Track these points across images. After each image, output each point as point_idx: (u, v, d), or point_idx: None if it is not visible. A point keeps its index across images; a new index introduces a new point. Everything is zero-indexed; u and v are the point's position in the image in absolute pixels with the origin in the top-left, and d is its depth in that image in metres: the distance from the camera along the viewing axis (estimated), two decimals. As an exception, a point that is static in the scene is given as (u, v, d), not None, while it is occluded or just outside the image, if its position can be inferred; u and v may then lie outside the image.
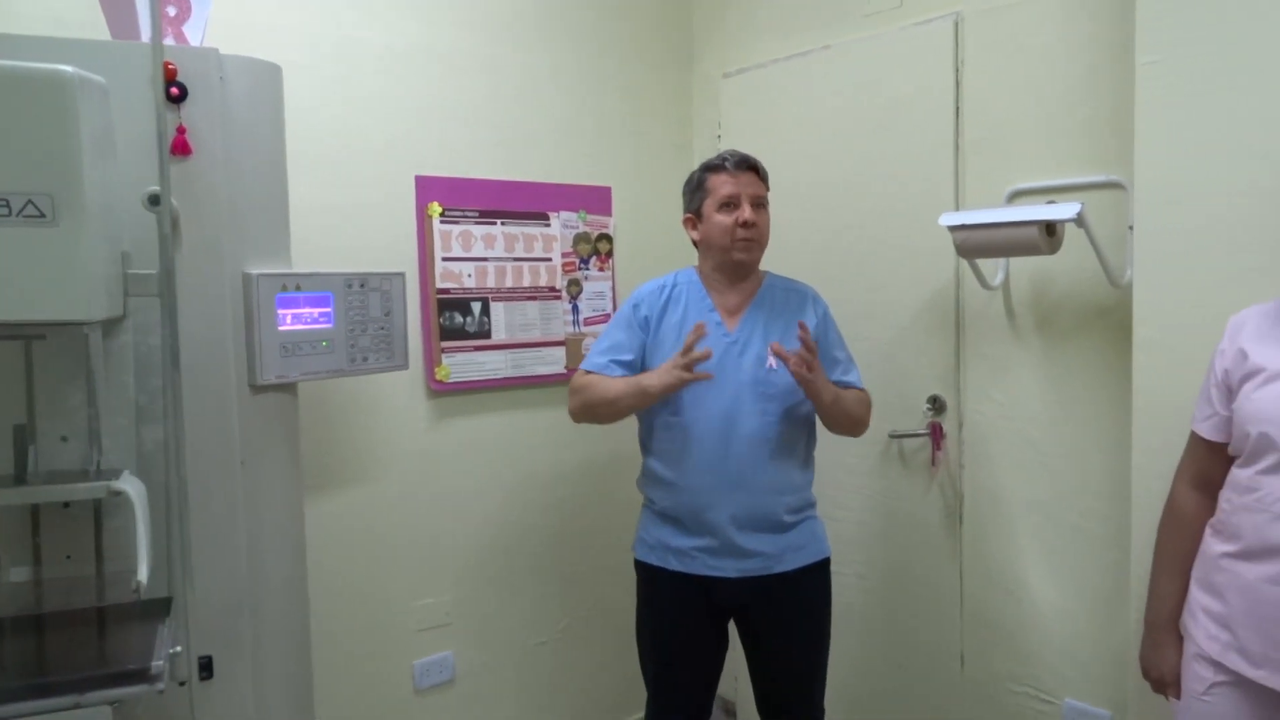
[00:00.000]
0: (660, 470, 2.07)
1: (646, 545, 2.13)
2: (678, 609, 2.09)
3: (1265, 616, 1.47)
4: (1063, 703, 2.29)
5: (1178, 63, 1.79)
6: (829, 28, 2.69)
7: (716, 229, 2.05)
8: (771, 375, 2.04)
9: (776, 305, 2.13)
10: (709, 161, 2.11)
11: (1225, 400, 1.59)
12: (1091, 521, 2.19)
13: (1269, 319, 1.56)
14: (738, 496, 2.00)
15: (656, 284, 2.15)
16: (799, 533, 2.08)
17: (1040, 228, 2.00)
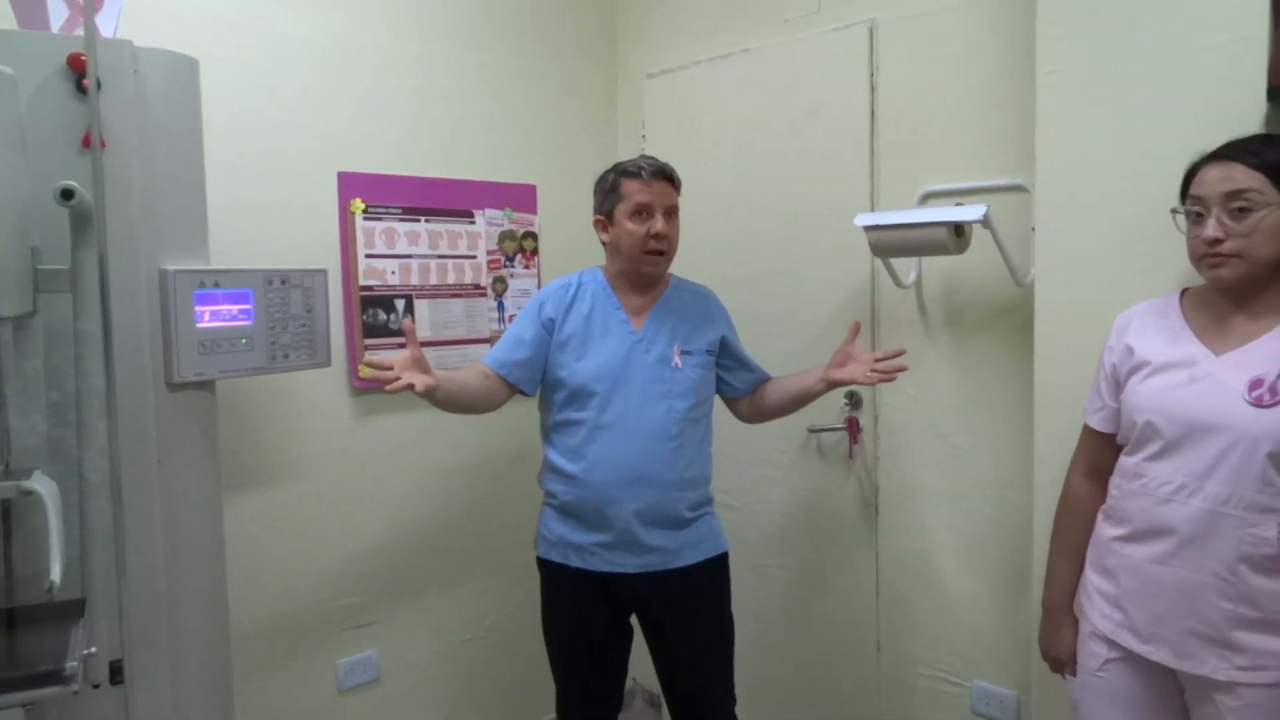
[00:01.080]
0: (563, 465, 2.07)
1: (548, 542, 2.13)
2: (581, 605, 2.10)
3: (1153, 595, 1.56)
4: (971, 684, 2.39)
5: (1075, 74, 1.89)
6: (749, 31, 2.75)
7: (628, 237, 2.05)
8: (676, 373, 2.07)
9: (682, 306, 2.16)
10: (624, 165, 2.09)
11: (1114, 393, 1.68)
12: (998, 509, 2.29)
13: (1152, 315, 1.66)
14: (640, 492, 2.02)
15: (562, 283, 2.15)
16: (696, 529, 2.10)
17: (949, 229, 2.08)
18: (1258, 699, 1.48)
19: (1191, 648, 1.52)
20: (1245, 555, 1.46)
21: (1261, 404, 1.45)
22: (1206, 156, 1.55)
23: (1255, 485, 1.45)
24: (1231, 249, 1.48)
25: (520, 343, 2.09)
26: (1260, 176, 1.47)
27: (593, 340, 2.07)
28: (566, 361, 2.06)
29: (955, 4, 2.30)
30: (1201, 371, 1.53)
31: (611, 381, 2.03)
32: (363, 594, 2.55)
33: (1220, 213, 1.49)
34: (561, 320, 2.09)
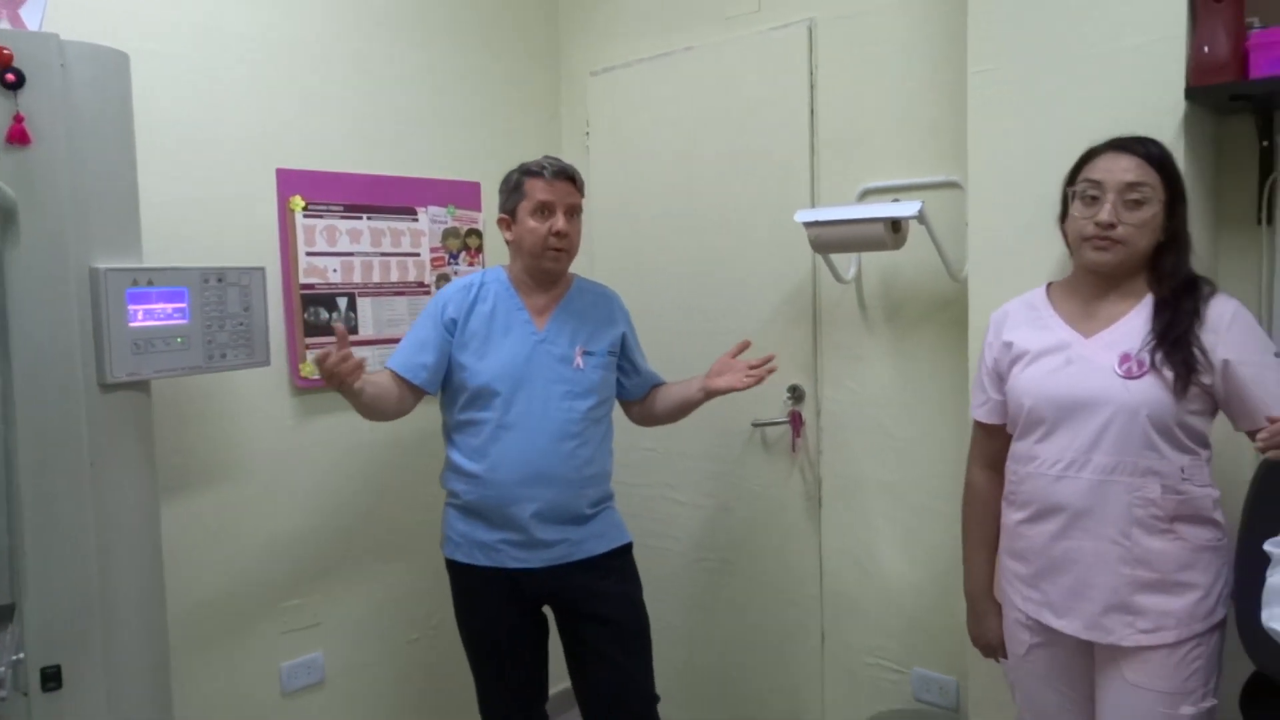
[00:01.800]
0: (465, 464, 2.07)
1: (453, 543, 2.12)
2: (492, 604, 2.10)
3: (1060, 569, 1.63)
4: (912, 671, 2.44)
5: (1004, 73, 1.93)
6: (691, 29, 2.77)
7: (529, 234, 2.06)
8: (578, 374, 2.09)
9: (585, 307, 2.17)
10: (528, 165, 2.09)
11: (997, 386, 1.77)
12: (937, 500, 2.34)
13: (1024, 309, 1.75)
14: (542, 491, 2.03)
15: (464, 283, 2.14)
16: (598, 522, 2.12)
17: (885, 224, 2.12)
18: (1159, 660, 1.56)
19: (1100, 618, 1.59)
20: (1136, 518, 1.55)
21: (1131, 375, 1.55)
22: (1106, 144, 1.62)
23: (1137, 451, 1.55)
24: (1120, 235, 1.57)
25: (424, 345, 2.08)
26: (1155, 174, 1.57)
27: (495, 340, 2.07)
28: (469, 362, 2.06)
29: (890, 4, 2.34)
30: (1075, 354, 1.63)
31: (514, 381, 2.04)
32: (306, 595, 2.52)
33: (1116, 200, 1.57)
34: (464, 320, 2.08)
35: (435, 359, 2.07)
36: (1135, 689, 1.58)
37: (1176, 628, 1.55)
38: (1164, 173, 1.58)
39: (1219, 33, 1.69)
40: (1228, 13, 1.69)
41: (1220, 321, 1.55)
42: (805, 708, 2.65)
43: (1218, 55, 1.69)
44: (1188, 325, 1.55)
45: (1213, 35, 1.69)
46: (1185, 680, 1.56)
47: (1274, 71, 1.63)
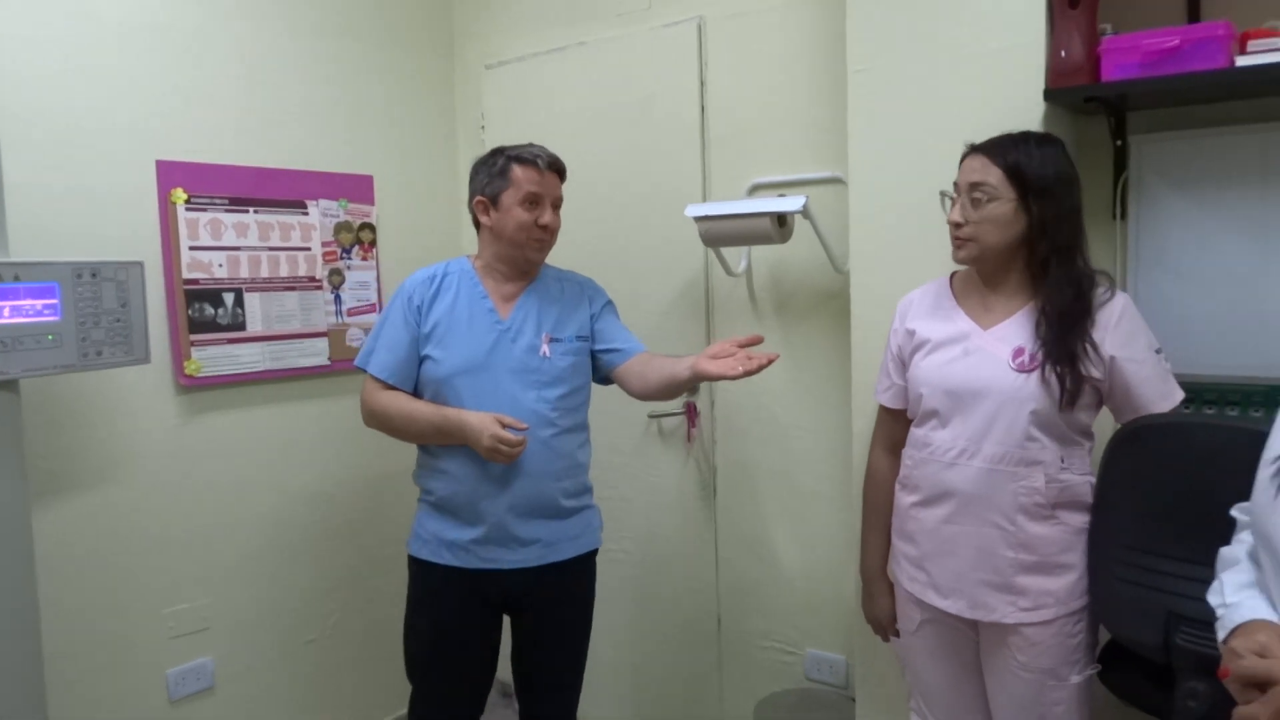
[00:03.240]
0: (437, 460, 2.02)
1: (420, 540, 2.07)
2: (453, 605, 2.04)
3: (947, 552, 1.71)
4: (805, 652, 2.51)
5: (881, 73, 2.01)
6: (584, 25, 2.79)
7: (514, 223, 2.01)
8: (545, 362, 2.04)
9: (550, 294, 2.13)
10: (518, 152, 2.04)
11: (900, 372, 1.83)
12: (824, 485, 2.42)
13: (928, 298, 1.82)
14: (516, 483, 1.98)
15: (426, 273, 2.09)
16: (575, 522, 2.09)
17: (771, 219, 2.18)
18: (1039, 637, 1.65)
19: (984, 597, 1.67)
20: (1021, 506, 1.63)
21: (1023, 369, 1.63)
22: (974, 147, 1.69)
23: (1023, 442, 1.62)
24: (967, 234, 1.65)
25: (399, 344, 2.02)
26: (999, 173, 1.63)
27: (457, 330, 2.02)
28: (433, 353, 2.01)
29: (775, 4, 2.40)
30: (973, 345, 1.70)
31: (478, 373, 1.99)
32: (194, 599, 2.45)
33: (964, 199, 1.65)
34: (428, 309, 2.04)
35: (410, 356, 2.03)
36: (1022, 666, 1.66)
37: (1055, 605, 1.64)
38: (1010, 171, 1.61)
39: (1074, 38, 1.79)
40: (1082, 19, 1.79)
41: (1109, 317, 1.62)
42: (703, 694, 2.70)
43: (1073, 59, 1.79)
44: (1078, 319, 1.61)
45: (1069, 40, 1.79)
46: (1069, 653, 1.65)
47: (1124, 75, 1.74)
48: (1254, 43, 1.63)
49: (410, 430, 2.02)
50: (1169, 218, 1.92)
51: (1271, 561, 1.07)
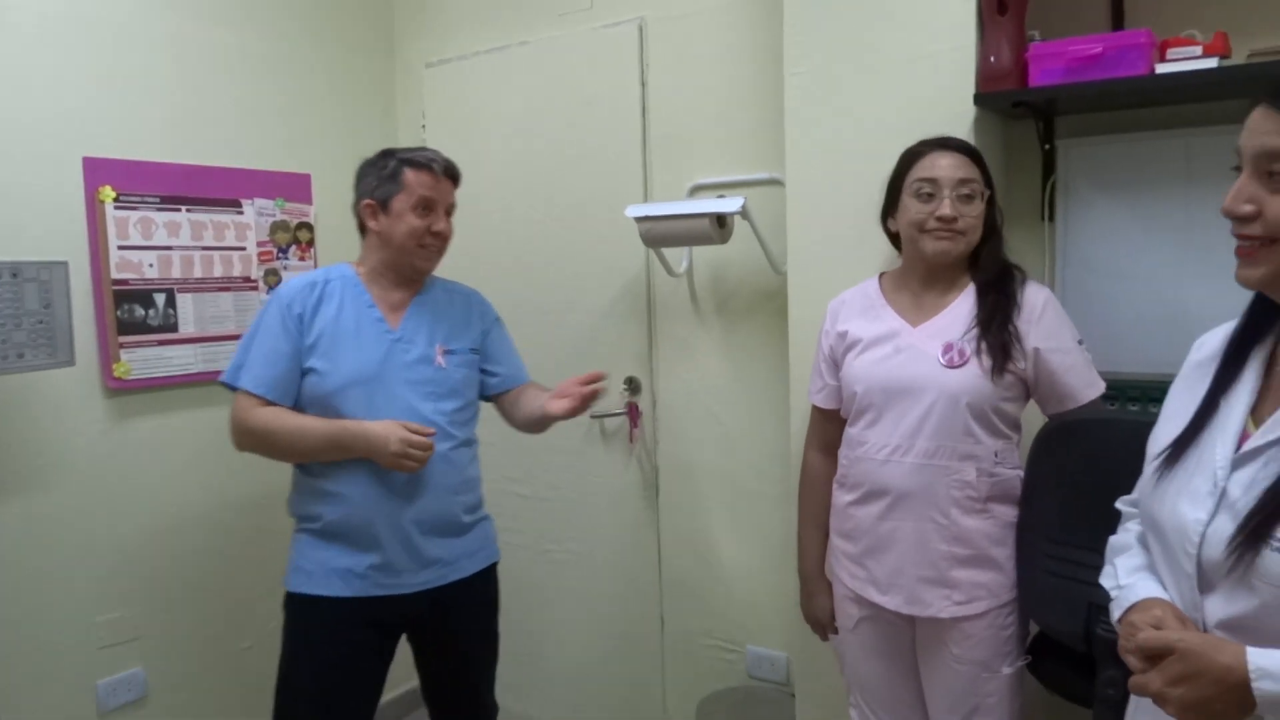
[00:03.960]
0: (324, 484, 1.88)
1: (304, 573, 1.91)
2: (343, 639, 1.89)
3: (885, 549, 1.73)
4: (747, 650, 2.53)
5: (816, 76, 2.04)
6: (526, 24, 2.78)
7: (406, 229, 1.92)
8: (440, 373, 1.97)
9: (440, 304, 2.05)
10: (411, 156, 1.95)
11: (833, 372, 1.85)
12: (765, 484, 2.44)
13: (858, 298, 1.85)
14: (416, 501, 1.90)
15: (305, 281, 1.94)
16: (474, 537, 2.03)
17: (711, 219, 2.19)
18: (973, 629, 1.68)
19: (921, 593, 1.70)
20: (955, 500, 1.66)
21: (953, 365, 1.66)
22: (930, 144, 1.71)
23: (957, 436, 1.65)
24: (961, 227, 1.67)
25: (279, 356, 1.87)
26: (977, 170, 1.68)
27: (344, 341, 1.90)
28: (318, 365, 1.88)
29: (713, 6, 2.42)
30: (904, 343, 1.73)
31: (371, 384, 1.88)
32: (124, 608, 2.39)
33: (952, 195, 1.66)
34: (310, 318, 1.90)
35: (292, 369, 1.88)
36: (957, 659, 1.69)
37: (989, 598, 1.68)
38: (982, 168, 1.69)
39: (1003, 44, 1.83)
40: (1010, 26, 1.83)
41: (1033, 310, 1.67)
42: (646, 693, 2.71)
43: (1002, 64, 1.83)
44: (1006, 313, 1.66)
45: (998, 46, 1.83)
46: (1001, 645, 1.69)
47: (1050, 80, 1.78)
48: (1173, 50, 1.68)
49: (299, 447, 1.86)
50: (1095, 220, 1.97)
51: (1160, 545, 1.11)
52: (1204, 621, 1.02)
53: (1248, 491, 0.99)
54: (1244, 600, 0.97)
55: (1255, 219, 0.99)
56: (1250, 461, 1.01)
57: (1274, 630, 0.95)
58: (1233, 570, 0.97)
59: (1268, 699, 0.91)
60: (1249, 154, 1.00)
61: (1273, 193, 0.97)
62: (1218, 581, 1.00)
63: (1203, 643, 0.97)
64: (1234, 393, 1.09)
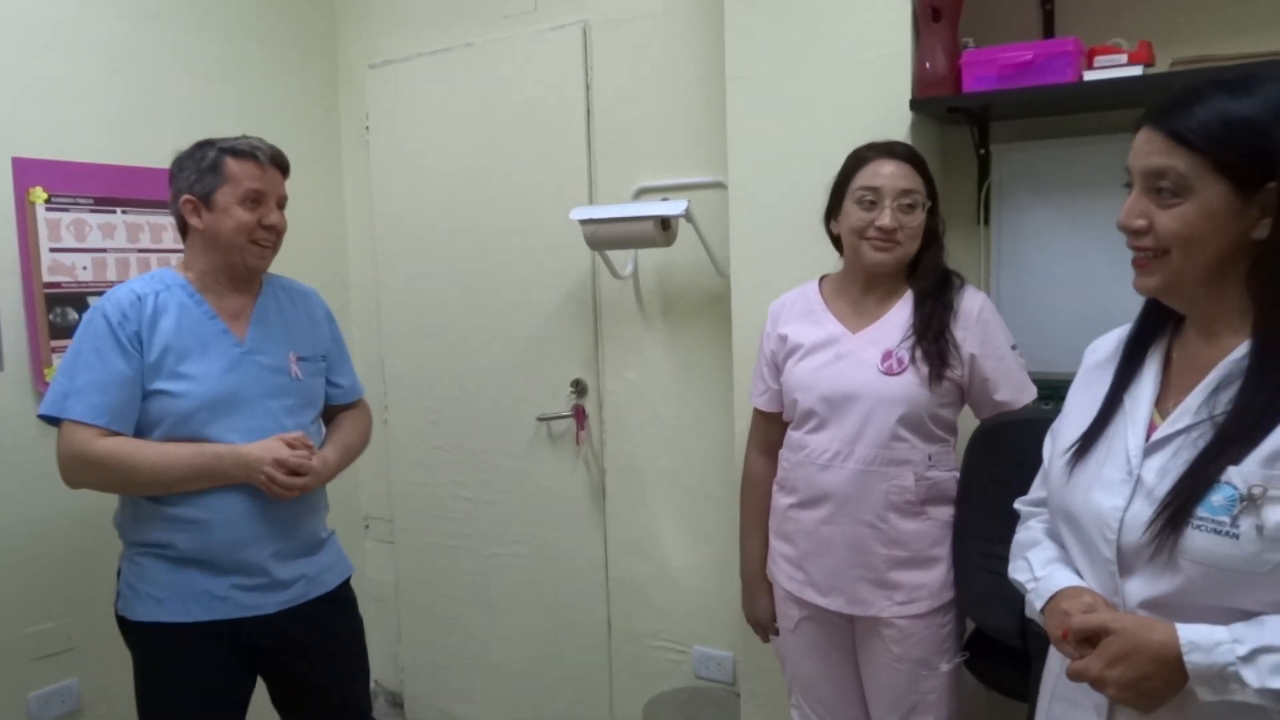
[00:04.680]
0: (180, 509, 1.72)
1: (154, 600, 1.73)
2: (203, 664, 1.76)
3: (824, 552, 1.75)
4: (693, 650, 2.54)
5: (758, 81, 2.05)
6: (470, 26, 2.76)
7: (233, 224, 1.75)
8: (297, 384, 1.86)
9: (284, 307, 1.91)
10: (233, 145, 1.77)
11: (774, 376, 1.87)
12: (710, 485, 2.46)
13: (799, 302, 1.86)
14: (282, 524, 1.80)
15: (131, 292, 1.74)
16: (329, 551, 1.93)
17: (655, 222, 2.20)
18: (912, 629, 1.71)
19: (861, 594, 1.72)
20: (892, 504, 1.69)
21: (891, 373, 1.68)
22: (876, 150, 1.71)
23: (894, 442, 1.68)
24: (900, 238, 1.68)
25: (121, 380, 1.68)
26: (920, 179, 1.70)
27: (190, 358, 1.74)
28: (165, 386, 1.71)
29: (656, 11, 2.43)
30: (843, 349, 1.74)
31: (225, 403, 1.74)
32: (58, 618, 2.33)
33: (894, 205, 1.67)
34: (149, 338, 1.72)
35: (133, 393, 1.70)
36: (896, 658, 1.72)
37: (929, 599, 1.70)
38: (925, 177, 1.70)
39: (937, 50, 1.86)
40: (945, 33, 1.86)
41: (969, 317, 1.69)
42: (593, 694, 2.71)
43: (937, 71, 1.86)
44: (943, 321, 1.68)
45: (933, 52, 1.87)
46: (940, 643, 1.72)
47: (983, 87, 1.82)
48: (1100, 58, 1.73)
49: (163, 479, 1.69)
50: (1029, 223, 2.01)
51: (1075, 535, 1.15)
52: (1125, 604, 1.06)
53: (1162, 477, 1.04)
54: (1166, 580, 1.01)
55: (1147, 232, 1.05)
56: (1160, 449, 1.07)
57: (1194, 607, 1.00)
58: (1155, 552, 1.01)
59: (1199, 671, 0.96)
60: (1138, 172, 1.07)
61: (1161, 207, 1.04)
62: (1138, 565, 1.05)
63: (1136, 623, 1.02)
64: (1137, 388, 1.14)
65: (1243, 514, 0.96)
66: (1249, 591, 0.96)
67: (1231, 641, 0.95)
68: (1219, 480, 0.98)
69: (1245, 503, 0.96)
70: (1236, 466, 0.97)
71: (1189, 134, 1.01)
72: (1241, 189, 1.00)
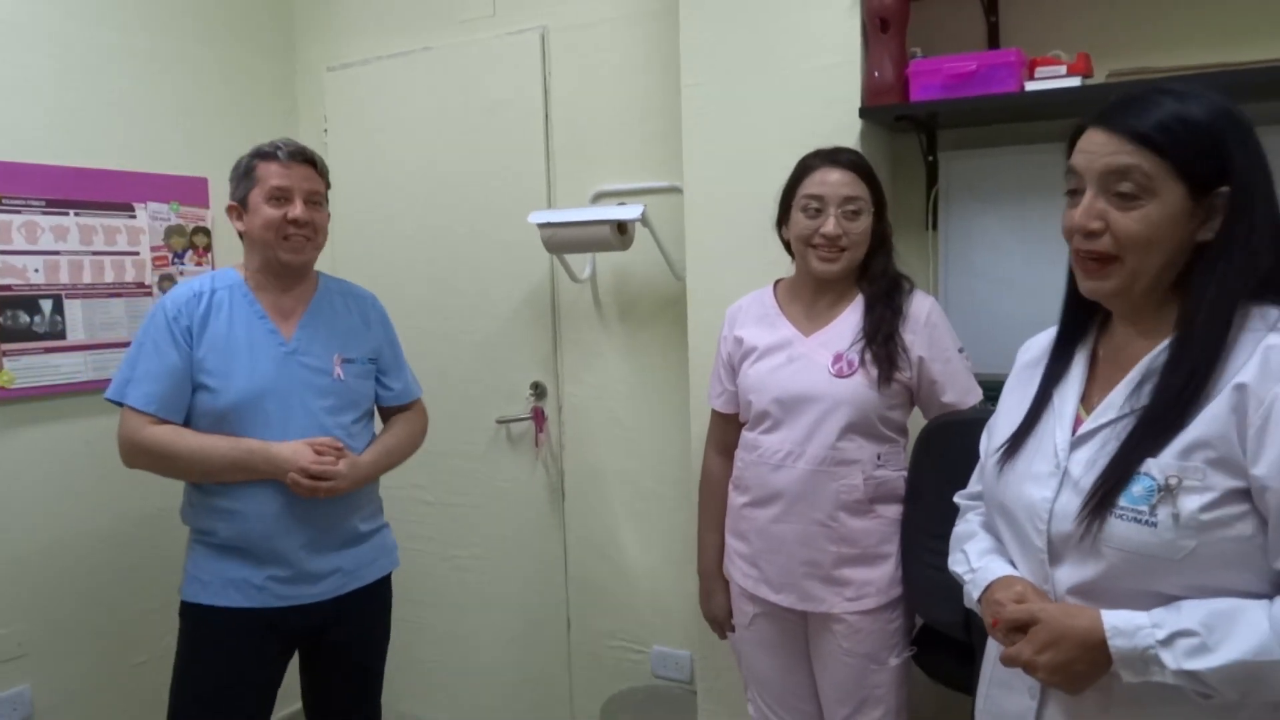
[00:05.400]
0: (219, 501, 1.83)
1: (200, 583, 1.86)
2: (243, 651, 1.86)
3: (776, 550, 1.78)
4: (651, 650, 2.57)
5: (712, 87, 2.09)
6: (429, 30, 2.77)
7: (262, 222, 1.84)
8: (339, 385, 1.92)
9: (336, 310, 1.99)
10: (260, 148, 1.90)
11: (731, 378, 1.90)
12: (667, 485, 2.49)
13: (754, 306, 1.90)
14: (315, 519, 1.87)
15: (191, 289, 1.87)
16: (373, 545, 2.01)
17: (612, 226, 2.23)
18: (862, 624, 1.75)
19: (812, 590, 1.76)
20: (842, 503, 1.73)
21: (842, 375, 1.72)
22: (821, 158, 1.75)
23: (844, 442, 1.72)
24: (845, 245, 1.72)
25: (172, 371, 1.80)
26: (864, 186, 1.73)
27: (238, 355, 1.84)
28: (211, 382, 1.82)
29: (613, 17, 2.46)
30: (796, 352, 1.78)
31: (267, 400, 1.83)
32: (9, 624, 2.30)
33: (838, 214, 1.71)
34: (199, 334, 1.83)
35: (182, 384, 1.81)
36: (847, 653, 1.76)
37: (877, 595, 1.74)
38: (871, 184, 1.74)
39: (886, 60, 1.91)
40: (893, 43, 1.91)
41: (918, 320, 1.74)
42: (553, 695, 2.73)
43: (885, 80, 1.91)
44: (892, 325, 1.72)
45: (881, 62, 1.91)
46: (888, 638, 1.76)
47: (929, 96, 1.87)
48: (1041, 69, 1.78)
49: (201, 469, 1.81)
50: (974, 229, 2.07)
51: (1009, 527, 1.20)
52: (1054, 591, 1.11)
53: (1088, 470, 1.08)
54: (1092, 566, 1.06)
55: (1102, 234, 1.06)
56: (1086, 443, 1.11)
57: (1118, 592, 1.04)
58: (1081, 540, 1.06)
59: (1121, 655, 1.01)
60: (1095, 173, 1.07)
61: (1120, 209, 1.05)
62: (1066, 553, 1.09)
63: (1061, 611, 1.07)
64: (1064, 385, 1.19)
65: (1160, 503, 1.00)
66: (1167, 576, 1.01)
67: (1151, 626, 1.00)
68: (1138, 471, 1.03)
69: (1163, 493, 1.00)
70: (1155, 459, 1.02)
71: (1153, 134, 1.02)
72: (1194, 192, 1.03)
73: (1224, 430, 0.99)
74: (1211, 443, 1.00)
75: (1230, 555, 0.99)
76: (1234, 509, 0.99)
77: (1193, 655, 0.97)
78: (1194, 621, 0.98)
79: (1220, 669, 0.96)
